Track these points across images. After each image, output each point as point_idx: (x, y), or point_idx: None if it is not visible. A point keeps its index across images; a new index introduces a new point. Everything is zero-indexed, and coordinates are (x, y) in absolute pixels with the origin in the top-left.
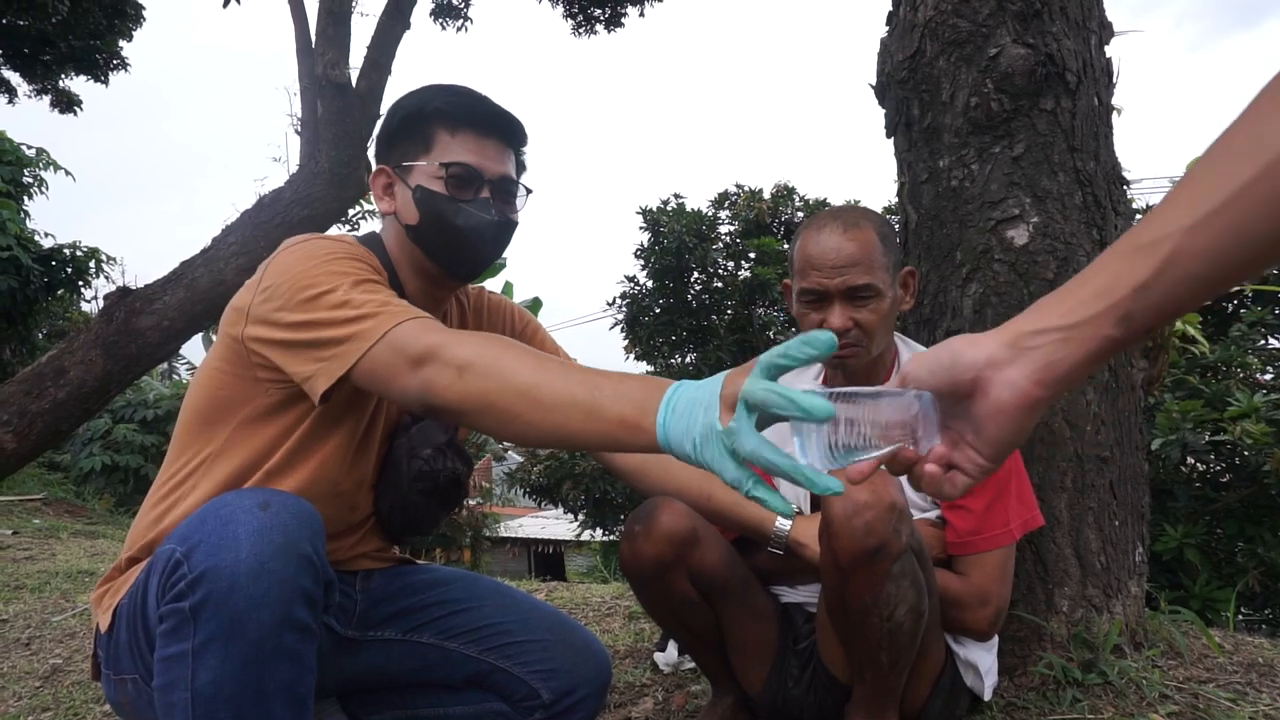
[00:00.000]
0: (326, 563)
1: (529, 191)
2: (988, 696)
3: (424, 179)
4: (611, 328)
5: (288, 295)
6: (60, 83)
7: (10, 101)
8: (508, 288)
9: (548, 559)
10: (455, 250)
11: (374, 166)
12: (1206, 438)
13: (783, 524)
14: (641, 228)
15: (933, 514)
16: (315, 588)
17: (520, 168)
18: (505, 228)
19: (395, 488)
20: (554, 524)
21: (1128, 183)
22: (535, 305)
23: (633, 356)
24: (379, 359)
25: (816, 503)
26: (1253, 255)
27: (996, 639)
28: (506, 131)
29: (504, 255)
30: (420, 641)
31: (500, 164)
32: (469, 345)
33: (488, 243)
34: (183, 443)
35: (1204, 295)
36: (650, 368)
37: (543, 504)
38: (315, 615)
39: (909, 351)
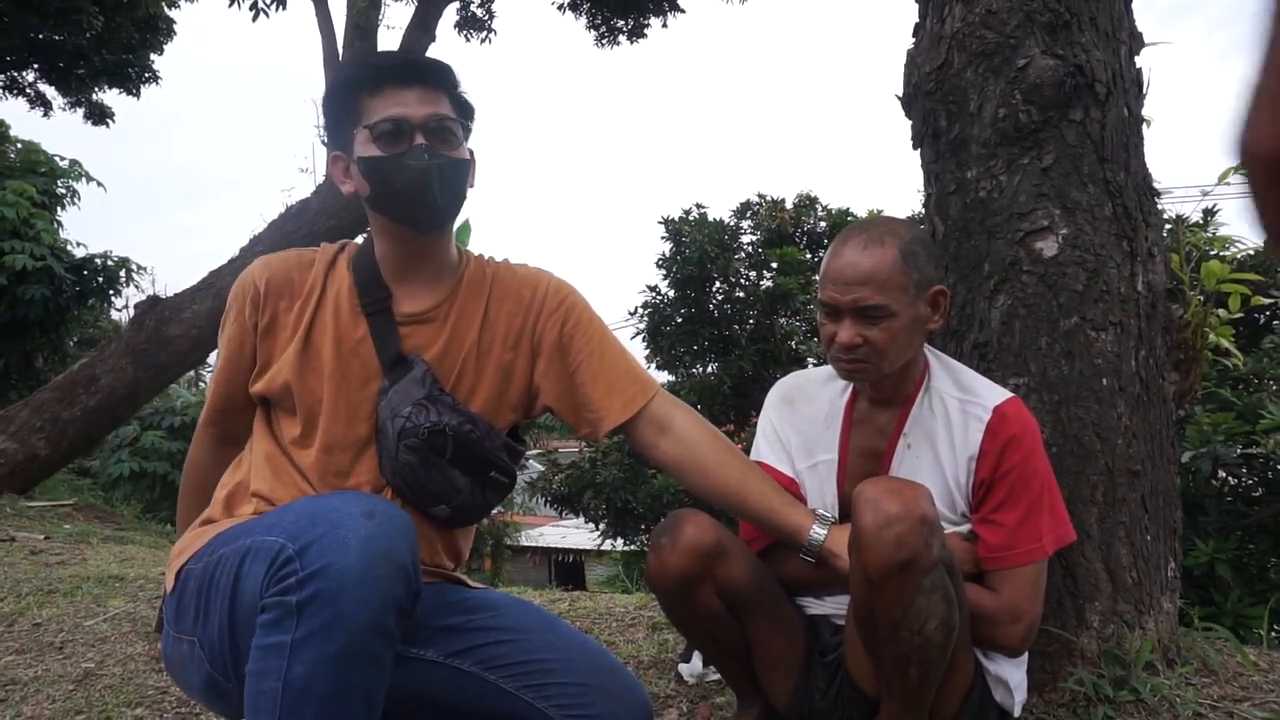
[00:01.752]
0: (420, 573)
1: (467, 132)
2: (1017, 713)
3: (362, 148)
4: (633, 337)
5: None
6: (93, 95)
7: (45, 114)
8: None
9: (568, 568)
10: (410, 205)
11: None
12: (1238, 451)
13: (817, 532)
14: (663, 237)
15: (964, 528)
16: (407, 598)
17: (462, 107)
18: (448, 168)
19: (387, 451)
20: (574, 533)
21: (1159, 193)
22: (464, 230)
23: (654, 365)
24: None
25: (848, 514)
26: None
27: (1026, 654)
28: (426, 75)
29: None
30: (461, 669)
31: (427, 106)
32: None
33: (435, 187)
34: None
35: None
36: (672, 377)
37: (563, 513)
38: (400, 625)
39: (941, 366)
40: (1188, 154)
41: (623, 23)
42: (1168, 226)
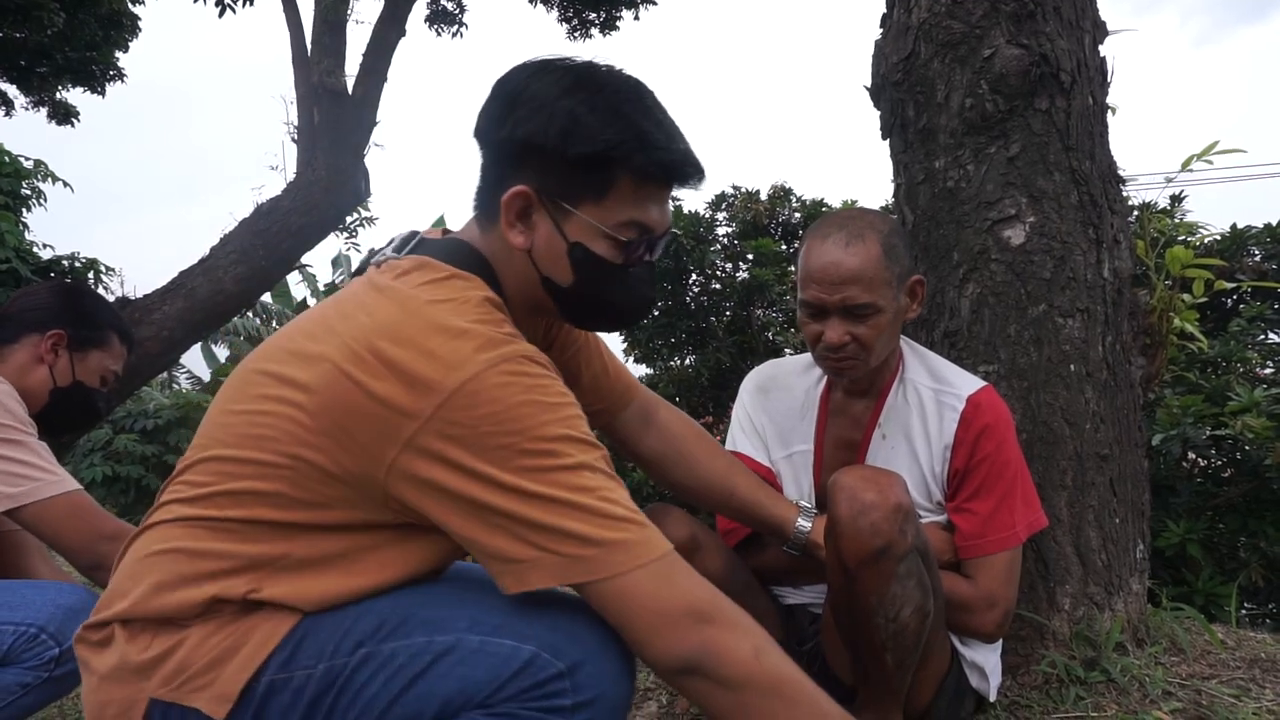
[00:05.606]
0: None
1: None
2: (993, 697)
3: (587, 236)
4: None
5: (498, 444)
6: (57, 94)
7: (7, 114)
8: None
9: None
10: (600, 318)
11: (514, 185)
12: (1207, 433)
13: (803, 525)
14: None
15: (941, 518)
16: None
17: None
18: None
19: None
20: None
21: (1124, 181)
22: (438, 226)
23: (633, 359)
24: (641, 588)
25: (824, 504)
26: None
27: (1001, 639)
28: (692, 178)
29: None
30: None
31: (669, 214)
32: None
33: (639, 314)
34: (232, 512)
35: None
36: (650, 370)
37: None
38: None
39: (915, 356)
40: (1159, 140)
41: (594, 15)
42: (1134, 213)
